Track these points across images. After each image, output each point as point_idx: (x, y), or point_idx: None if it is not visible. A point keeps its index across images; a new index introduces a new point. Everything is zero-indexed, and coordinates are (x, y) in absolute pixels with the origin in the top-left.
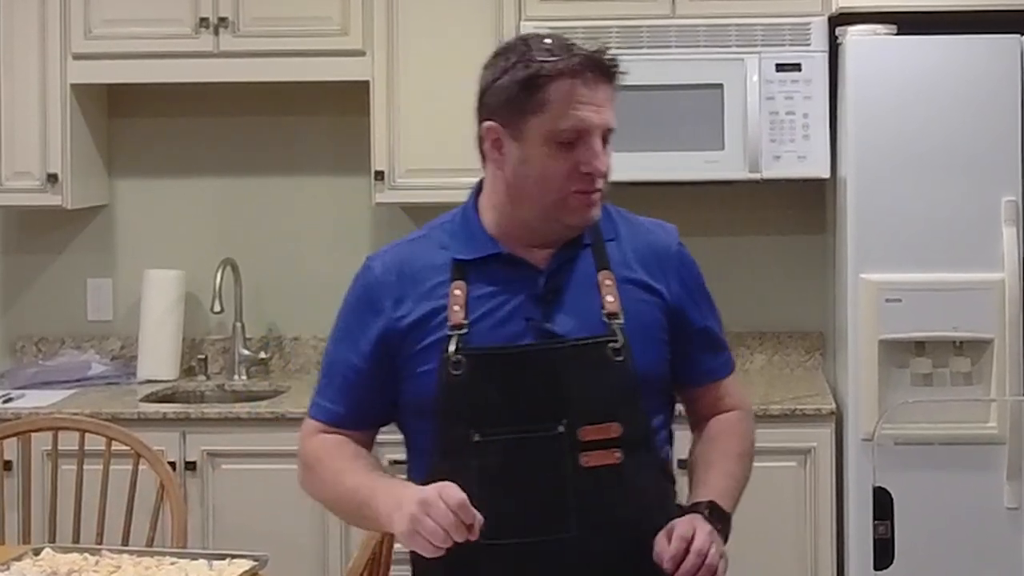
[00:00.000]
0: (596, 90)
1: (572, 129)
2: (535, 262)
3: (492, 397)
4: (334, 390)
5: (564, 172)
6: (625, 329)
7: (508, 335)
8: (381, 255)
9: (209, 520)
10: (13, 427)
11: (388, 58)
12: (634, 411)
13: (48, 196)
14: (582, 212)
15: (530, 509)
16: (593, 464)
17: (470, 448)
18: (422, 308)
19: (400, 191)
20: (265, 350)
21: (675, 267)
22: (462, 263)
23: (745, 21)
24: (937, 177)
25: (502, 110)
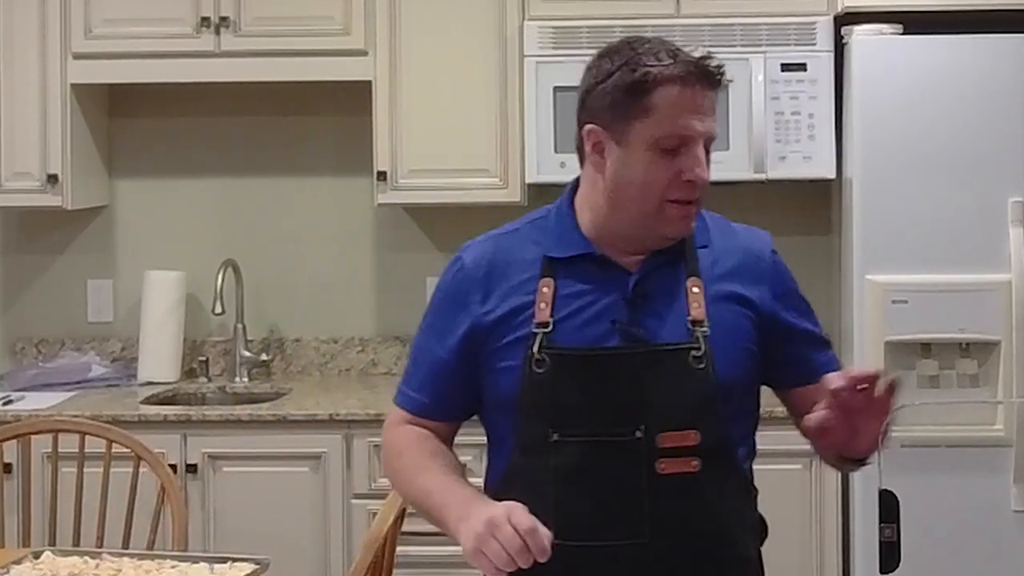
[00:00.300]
0: (701, 97)
1: (676, 136)
2: (626, 265)
3: (572, 397)
4: (419, 381)
5: (665, 179)
6: (709, 337)
7: (593, 336)
8: (473, 247)
9: (210, 523)
10: (13, 429)
11: (390, 58)
12: (714, 420)
13: (48, 196)
14: (678, 223)
15: (604, 512)
16: (670, 471)
17: (548, 447)
18: (509, 303)
19: (403, 192)
20: (267, 352)
21: (767, 274)
22: (553, 260)
23: (750, 21)
24: (944, 177)
25: (605, 114)
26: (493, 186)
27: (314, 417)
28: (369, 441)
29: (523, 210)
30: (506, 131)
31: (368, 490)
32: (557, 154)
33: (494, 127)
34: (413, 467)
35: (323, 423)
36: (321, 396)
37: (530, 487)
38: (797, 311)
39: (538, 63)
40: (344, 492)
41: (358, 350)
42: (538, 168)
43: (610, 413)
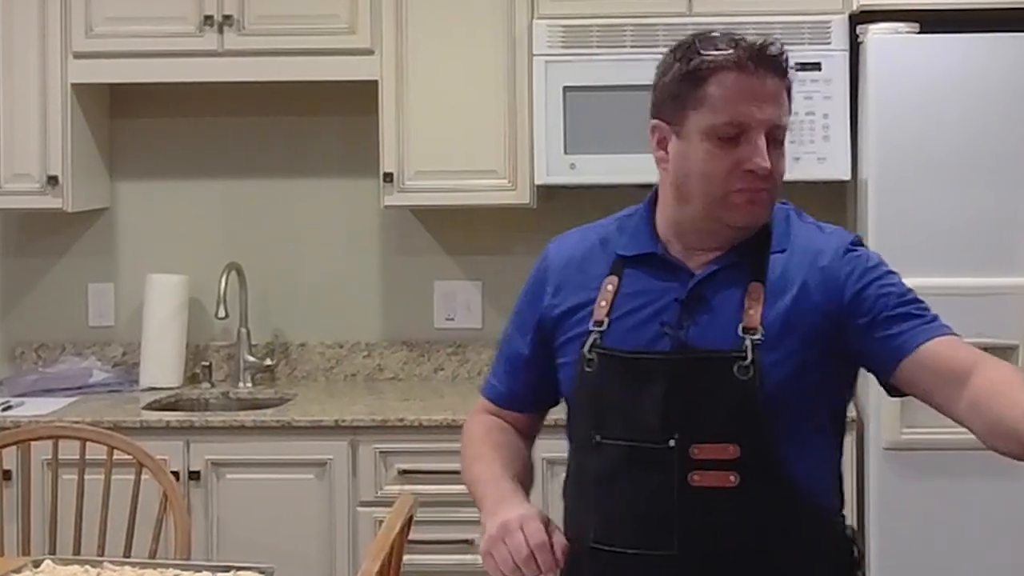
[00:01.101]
0: (760, 83)
1: (731, 124)
2: (692, 267)
3: (614, 400)
4: (501, 370)
5: (725, 169)
6: (762, 347)
7: (643, 339)
8: (560, 239)
9: (213, 531)
10: (12, 436)
11: (397, 57)
12: (756, 435)
13: (48, 199)
14: (745, 211)
15: (635, 520)
16: (704, 484)
17: (592, 448)
18: (575, 298)
19: (409, 193)
20: (271, 357)
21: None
22: (622, 258)
23: (763, 19)
24: (961, 179)
25: (666, 107)
26: (501, 188)
27: (319, 423)
28: (375, 448)
29: (532, 212)
30: (515, 132)
31: (374, 498)
32: (567, 155)
33: (503, 128)
34: (472, 456)
35: (328, 429)
36: (326, 402)
37: (579, 487)
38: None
39: (547, 62)
40: (350, 500)
41: (364, 355)
42: (548, 169)
43: (646, 419)
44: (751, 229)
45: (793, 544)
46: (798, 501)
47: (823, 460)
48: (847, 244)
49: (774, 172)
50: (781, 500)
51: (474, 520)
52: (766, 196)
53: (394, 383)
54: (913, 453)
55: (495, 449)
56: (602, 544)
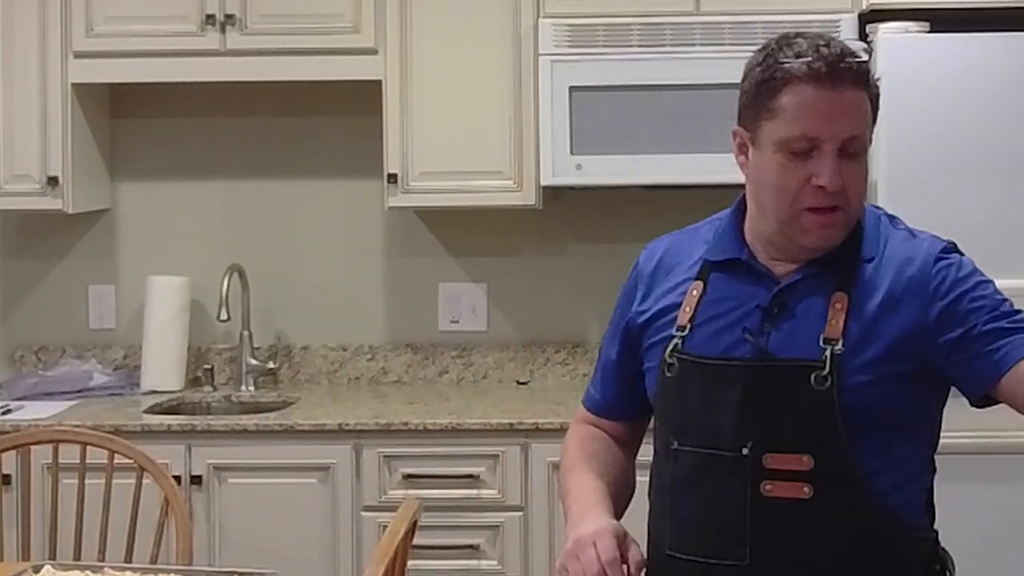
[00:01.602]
0: (835, 97)
1: (802, 137)
2: (777, 274)
3: (692, 406)
4: (598, 378)
5: (796, 185)
6: (843, 357)
7: (723, 345)
8: (654, 243)
9: (215, 536)
10: (12, 440)
11: (401, 56)
12: (833, 447)
13: (48, 200)
14: (815, 233)
15: (708, 529)
16: (776, 495)
17: (670, 454)
18: (663, 302)
19: (414, 195)
20: (273, 360)
21: (927, 291)
22: (709, 263)
23: (772, 18)
24: (972, 180)
25: (745, 114)
26: (507, 189)
27: (323, 427)
28: (379, 452)
29: (537, 214)
30: (520, 132)
31: (378, 502)
32: (573, 156)
33: (508, 128)
34: (566, 467)
35: (332, 433)
36: (330, 405)
37: (658, 493)
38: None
39: (553, 62)
40: (354, 505)
41: (368, 358)
42: (554, 170)
43: (721, 427)
44: (825, 250)
45: (870, 560)
46: (878, 516)
47: (909, 475)
48: (937, 252)
49: (848, 189)
50: (858, 514)
51: (478, 525)
52: (840, 217)
53: (398, 386)
54: (941, 458)
55: (588, 460)
56: (677, 552)
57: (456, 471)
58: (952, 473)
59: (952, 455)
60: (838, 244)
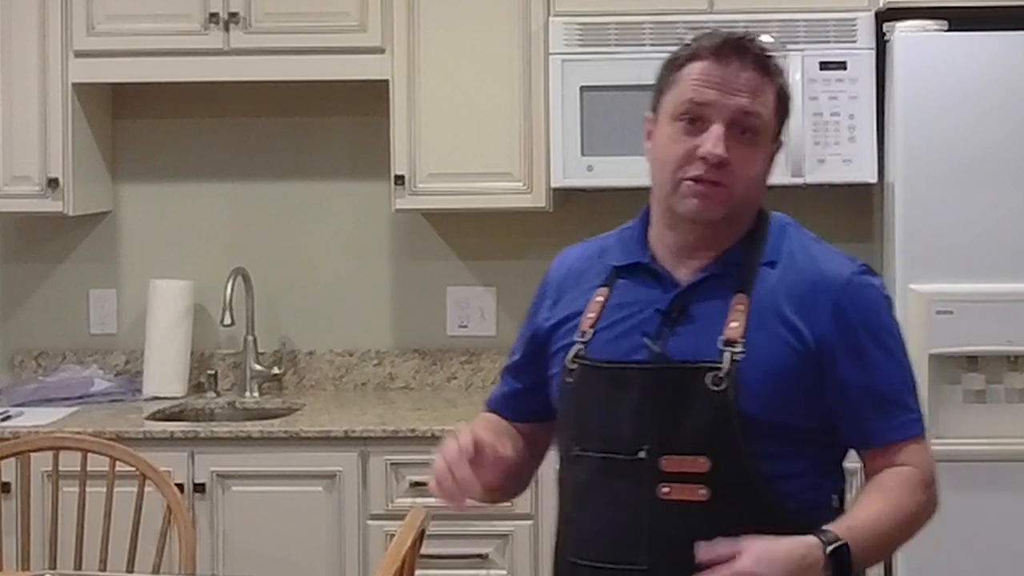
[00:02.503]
0: (732, 73)
1: (690, 101)
2: (678, 277)
3: (592, 412)
4: (503, 380)
5: (681, 153)
6: (741, 361)
7: (623, 349)
8: (564, 251)
9: (219, 545)
10: (11, 447)
11: (408, 56)
12: (729, 449)
13: (48, 202)
14: (691, 201)
15: (607, 534)
16: (673, 498)
17: (571, 460)
18: (568, 310)
19: (421, 197)
20: (278, 365)
21: (831, 308)
22: (616, 268)
23: (787, 17)
24: (991, 181)
25: (653, 99)
26: (516, 191)
27: (328, 434)
28: (386, 459)
29: (548, 216)
30: (530, 133)
31: (385, 511)
32: (584, 157)
33: (518, 129)
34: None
35: (338, 440)
36: (336, 412)
37: (562, 499)
38: (866, 357)
39: (564, 61)
40: (360, 513)
41: (375, 363)
42: (564, 172)
43: (619, 431)
44: (704, 225)
45: None
46: (778, 519)
47: (815, 479)
48: (850, 274)
49: (733, 167)
50: (757, 517)
51: (487, 534)
52: (720, 192)
53: (405, 392)
54: (942, 465)
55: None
56: (578, 558)
57: None
58: (972, 479)
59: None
60: (712, 219)
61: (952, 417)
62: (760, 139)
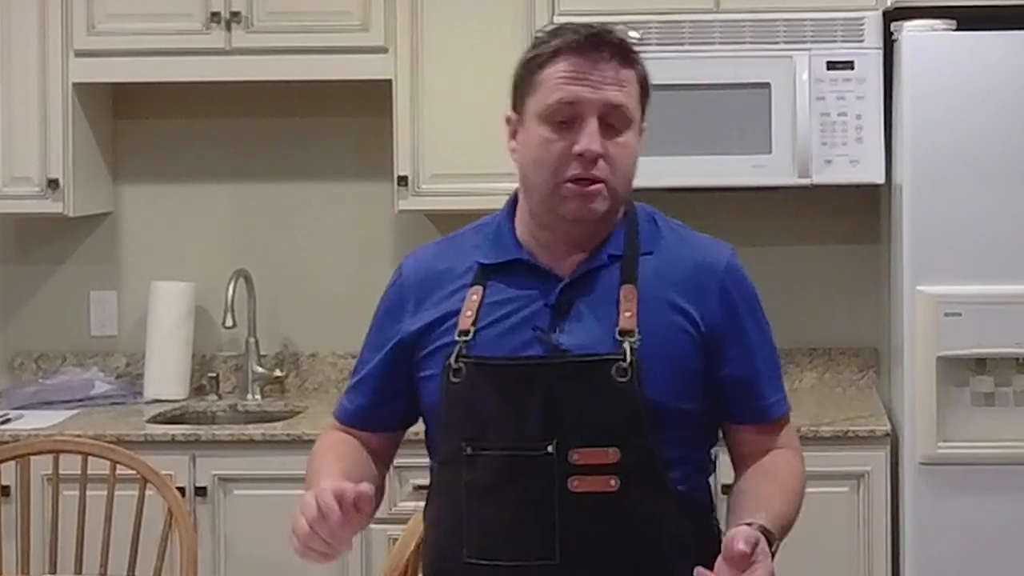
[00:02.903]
0: (594, 67)
1: (560, 102)
2: (558, 271)
3: (487, 409)
4: (355, 391)
5: (557, 154)
6: (640, 349)
7: (513, 345)
8: (414, 255)
9: (220, 549)
10: (11, 450)
11: (412, 55)
12: (637, 438)
13: (49, 203)
14: (576, 202)
15: (515, 531)
16: (584, 490)
17: (462, 461)
18: (437, 311)
19: (425, 197)
20: (280, 367)
21: (717, 291)
22: (486, 267)
23: (794, 16)
24: (999, 182)
25: (513, 97)
26: None
27: None
28: None
29: None
30: None
31: (388, 514)
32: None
33: None
34: (312, 467)
35: None
36: None
37: (448, 502)
38: (746, 339)
39: None
40: None
41: None
42: None
43: (523, 427)
44: (587, 223)
45: (675, 548)
46: (680, 505)
47: (702, 464)
48: (728, 260)
49: (609, 160)
50: (662, 503)
51: None
52: (601, 188)
53: None
54: (950, 468)
55: (337, 460)
56: (478, 559)
57: None
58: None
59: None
60: (596, 217)
61: (960, 420)
62: (628, 129)
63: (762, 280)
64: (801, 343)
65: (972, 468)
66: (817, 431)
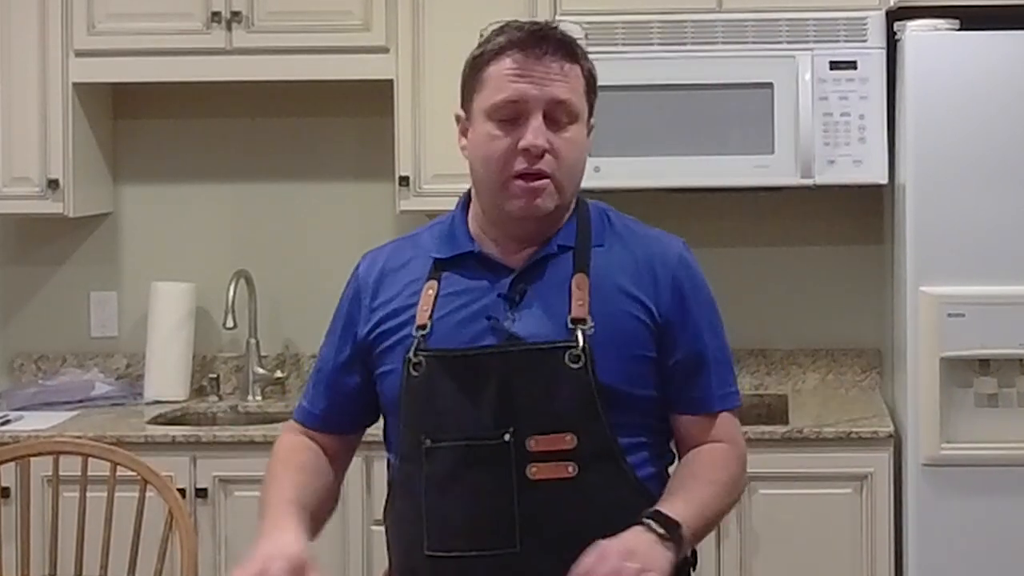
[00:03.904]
0: (538, 62)
1: (506, 101)
2: (510, 263)
3: (445, 401)
4: (315, 392)
5: (503, 151)
6: (592, 337)
7: (468, 336)
8: (370, 254)
9: (222, 551)
10: (11, 451)
11: (413, 55)
12: (593, 423)
13: (49, 203)
14: (522, 199)
15: (475, 522)
16: (542, 477)
17: (421, 454)
18: (393, 306)
19: (426, 198)
20: (281, 368)
21: (669, 280)
22: (440, 262)
23: (797, 15)
24: (1003, 182)
25: (462, 95)
26: None
27: None
28: None
29: None
30: None
31: None
32: (591, 158)
33: None
34: (270, 476)
35: None
36: None
37: (407, 496)
38: (697, 328)
39: None
40: (364, 519)
41: None
42: None
43: (480, 416)
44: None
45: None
46: (639, 491)
47: (658, 451)
48: (680, 253)
49: (556, 154)
50: (619, 488)
51: None
52: (548, 184)
53: None
54: (953, 469)
55: (296, 471)
56: (439, 551)
57: None
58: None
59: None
60: (543, 213)
61: (964, 421)
62: (575, 124)
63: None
64: (804, 344)
65: (975, 469)
66: (820, 432)
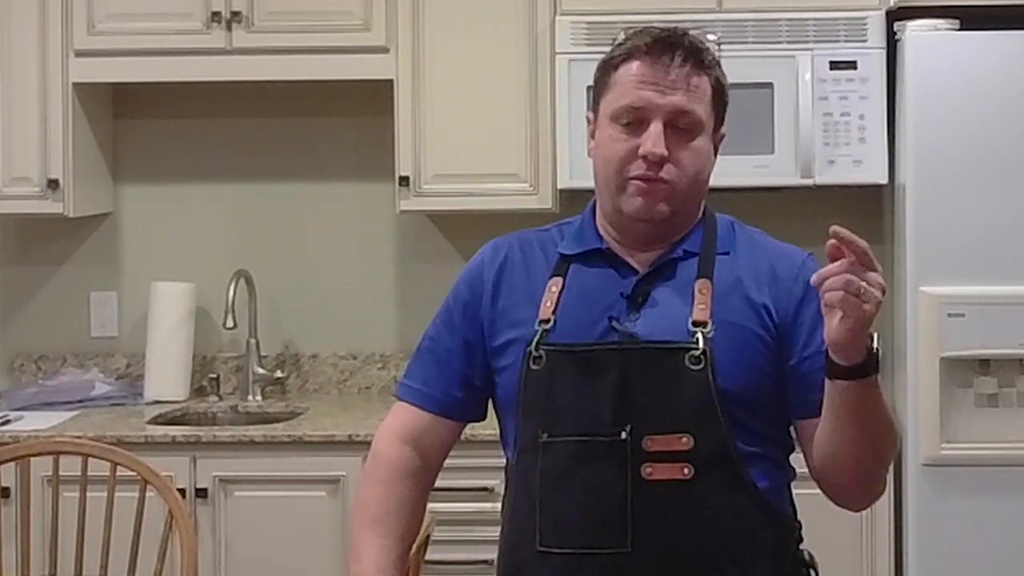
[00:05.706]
0: (665, 70)
1: (629, 107)
2: (636, 263)
3: (564, 396)
4: (424, 369)
5: (622, 154)
6: (713, 340)
7: (591, 334)
8: (496, 241)
9: (221, 551)
10: (11, 451)
11: (413, 55)
12: (710, 426)
13: (49, 203)
14: (637, 200)
15: (587, 518)
16: (657, 477)
17: (538, 448)
18: (516, 299)
19: (426, 198)
20: (281, 368)
21: (791, 280)
22: (567, 258)
23: (797, 16)
24: (1003, 182)
25: (591, 97)
26: (523, 192)
27: (332, 438)
28: None
29: (555, 217)
30: (536, 133)
31: None
32: (591, 157)
33: (524, 129)
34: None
35: (342, 444)
36: (339, 416)
37: (522, 491)
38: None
39: (571, 61)
40: None
41: (379, 367)
42: (571, 172)
43: (598, 413)
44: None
45: (747, 542)
46: (757, 502)
47: (776, 462)
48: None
49: (675, 163)
50: (735, 495)
51: (493, 539)
52: (663, 188)
53: None
54: (953, 469)
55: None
56: (551, 547)
57: (470, 484)
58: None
59: None
60: (658, 217)
61: (963, 421)
62: (698, 134)
63: None
64: None
65: (975, 469)
66: None
